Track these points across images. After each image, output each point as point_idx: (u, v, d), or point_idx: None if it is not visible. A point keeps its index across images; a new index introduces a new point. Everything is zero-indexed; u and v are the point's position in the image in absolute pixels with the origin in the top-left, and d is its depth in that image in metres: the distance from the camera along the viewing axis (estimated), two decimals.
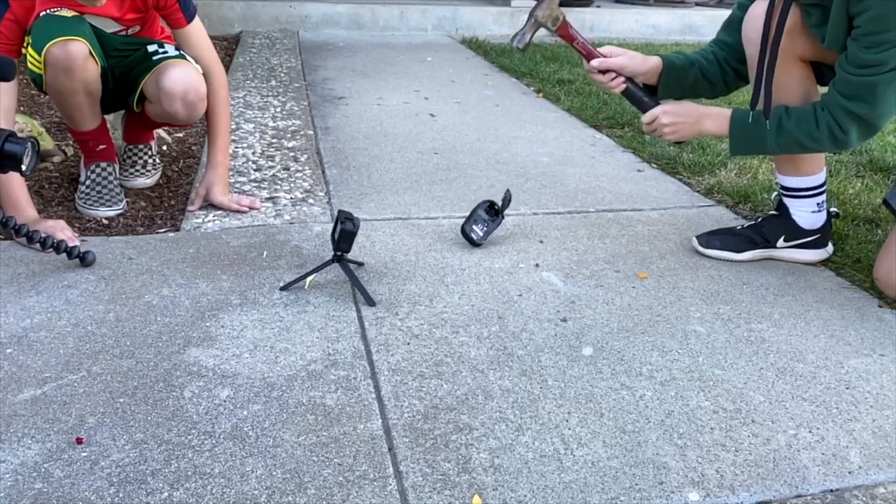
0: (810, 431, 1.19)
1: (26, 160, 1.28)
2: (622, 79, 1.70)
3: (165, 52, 1.83)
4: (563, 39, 1.71)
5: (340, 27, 4.85)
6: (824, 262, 1.80)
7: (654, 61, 1.73)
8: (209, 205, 1.93)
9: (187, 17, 1.86)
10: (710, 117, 1.65)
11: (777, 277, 1.72)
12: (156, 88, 1.80)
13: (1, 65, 1.29)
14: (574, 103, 3.19)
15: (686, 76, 1.76)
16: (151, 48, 1.84)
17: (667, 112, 1.67)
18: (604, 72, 1.69)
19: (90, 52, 1.69)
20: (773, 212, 1.81)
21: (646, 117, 1.70)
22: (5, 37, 1.67)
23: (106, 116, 1.94)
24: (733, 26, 1.75)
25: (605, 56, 1.69)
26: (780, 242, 1.77)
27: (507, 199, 1.81)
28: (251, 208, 1.92)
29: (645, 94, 1.72)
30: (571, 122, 2.96)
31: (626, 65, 1.69)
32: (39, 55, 1.65)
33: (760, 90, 1.60)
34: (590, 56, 1.69)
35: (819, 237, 1.77)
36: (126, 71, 1.85)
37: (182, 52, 1.86)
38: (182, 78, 1.78)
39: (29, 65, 1.68)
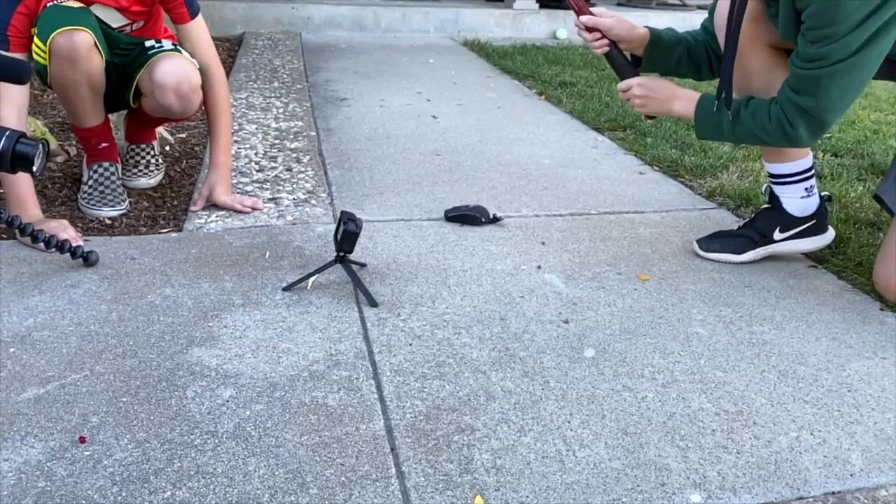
0: (812, 434, 1.19)
1: (37, 161, 1.28)
2: (607, 41, 1.70)
3: (161, 46, 1.84)
4: None
5: (343, 29, 4.85)
6: (826, 265, 1.80)
7: (642, 31, 1.74)
8: (212, 205, 1.93)
9: (191, 13, 1.87)
10: (680, 99, 1.66)
11: (779, 280, 1.72)
12: (149, 82, 1.81)
13: (16, 67, 1.29)
14: (576, 106, 3.20)
15: (671, 53, 1.78)
16: (149, 44, 1.85)
17: (641, 85, 1.68)
18: (591, 30, 1.70)
19: (95, 43, 1.69)
20: (766, 205, 1.81)
21: (622, 84, 1.72)
22: (17, 30, 1.68)
23: (109, 116, 1.95)
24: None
25: (595, 15, 1.70)
26: (777, 234, 1.77)
27: None
28: (254, 209, 1.92)
29: (626, 61, 1.73)
30: (573, 125, 2.96)
31: (613, 27, 1.70)
32: (45, 45, 1.65)
33: (725, 83, 1.62)
34: (581, 11, 1.70)
35: (815, 223, 1.76)
36: (124, 67, 1.86)
37: (178, 46, 1.87)
38: (174, 69, 1.78)
39: (34, 55, 1.69)
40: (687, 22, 5.49)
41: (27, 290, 1.49)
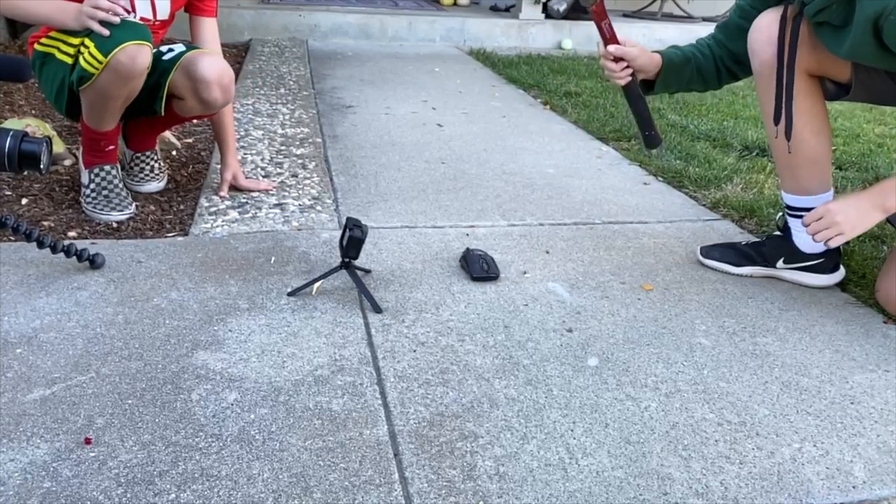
0: (815, 445, 1.19)
1: (43, 158, 1.29)
2: (630, 71, 1.71)
3: (173, 49, 1.86)
4: (595, 16, 1.68)
5: (349, 37, 4.88)
6: None
7: (658, 59, 1.77)
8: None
9: (216, 11, 1.96)
10: (889, 192, 1.50)
11: (782, 292, 1.72)
12: (187, 81, 1.82)
13: (16, 65, 1.30)
14: (581, 115, 3.21)
15: (683, 73, 1.80)
16: (155, 52, 1.86)
17: (831, 210, 1.52)
18: (616, 60, 1.70)
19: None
20: (777, 232, 1.80)
21: (817, 212, 1.55)
22: None
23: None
24: (731, 30, 1.77)
25: (621, 44, 1.70)
26: (780, 264, 1.76)
27: None
28: (267, 190, 2.13)
29: (641, 95, 1.75)
30: (578, 135, 2.97)
31: (638, 57, 1.71)
32: (104, 56, 1.60)
33: (782, 107, 1.61)
34: (610, 40, 1.70)
35: (823, 262, 1.73)
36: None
37: (191, 45, 1.90)
38: (213, 64, 1.82)
39: (83, 62, 1.63)
40: (692, 34, 5.50)
41: (34, 292, 1.50)
